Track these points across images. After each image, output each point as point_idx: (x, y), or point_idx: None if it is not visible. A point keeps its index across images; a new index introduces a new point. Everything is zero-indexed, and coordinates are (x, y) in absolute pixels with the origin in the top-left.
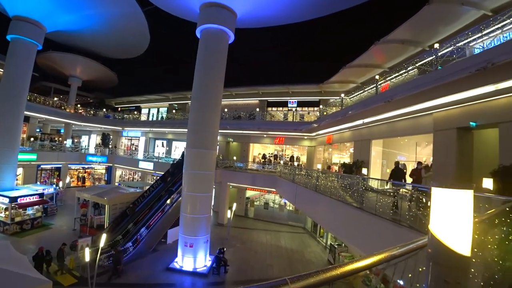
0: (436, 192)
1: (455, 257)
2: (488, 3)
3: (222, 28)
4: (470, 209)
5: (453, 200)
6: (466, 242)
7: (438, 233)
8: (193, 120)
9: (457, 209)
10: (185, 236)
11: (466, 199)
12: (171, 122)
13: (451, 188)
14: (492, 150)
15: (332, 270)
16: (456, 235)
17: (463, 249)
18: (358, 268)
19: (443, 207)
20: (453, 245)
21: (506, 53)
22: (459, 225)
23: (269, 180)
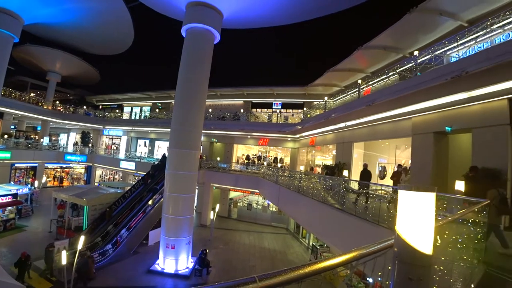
0: (402, 194)
1: (418, 256)
2: (464, 14)
3: (208, 28)
4: (432, 210)
5: (417, 201)
6: (428, 242)
7: (403, 233)
8: (176, 119)
9: (421, 210)
10: (167, 237)
11: (428, 201)
12: (154, 121)
13: (415, 191)
14: (466, 154)
15: (301, 268)
16: (419, 235)
17: (425, 248)
18: (328, 266)
19: (408, 209)
20: (416, 244)
21: (479, 63)
22: (422, 225)
23: (252, 181)
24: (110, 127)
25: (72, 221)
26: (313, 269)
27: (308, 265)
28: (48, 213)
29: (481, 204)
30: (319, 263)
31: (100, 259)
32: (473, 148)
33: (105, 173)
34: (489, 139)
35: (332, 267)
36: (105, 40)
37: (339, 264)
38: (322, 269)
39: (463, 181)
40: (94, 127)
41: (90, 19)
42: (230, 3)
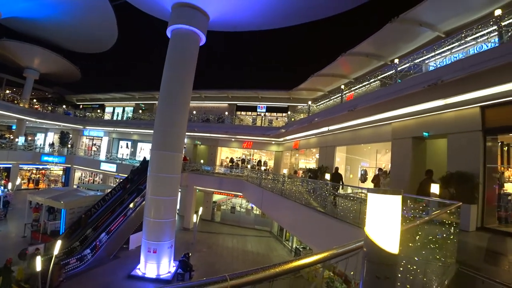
0: (371, 197)
1: (385, 255)
2: (442, 26)
3: (194, 29)
4: (399, 212)
5: (384, 204)
6: (395, 242)
7: (371, 234)
8: (160, 121)
9: (388, 212)
10: (149, 241)
11: (395, 203)
12: (137, 122)
13: (383, 194)
14: (442, 158)
15: (271, 268)
16: (386, 235)
17: (392, 248)
18: (299, 266)
19: (376, 210)
20: (383, 244)
21: (454, 72)
22: (389, 226)
23: (236, 184)
24: (91, 127)
25: (48, 225)
26: (284, 269)
27: (279, 264)
28: (22, 217)
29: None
30: (290, 263)
31: (78, 264)
32: (448, 152)
33: (85, 175)
34: (463, 145)
35: (303, 266)
36: (87, 38)
37: (311, 263)
38: (293, 268)
39: (437, 184)
40: (73, 127)
41: (72, 15)
42: (217, 5)
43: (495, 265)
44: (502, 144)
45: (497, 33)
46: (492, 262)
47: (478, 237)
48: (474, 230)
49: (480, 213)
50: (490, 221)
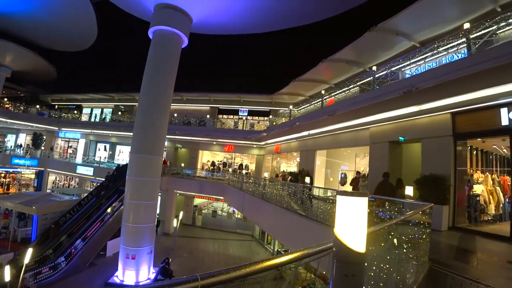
0: (339, 199)
1: (352, 254)
2: (417, 36)
3: (176, 31)
4: (365, 213)
5: (352, 205)
6: (362, 241)
7: (340, 234)
8: (139, 123)
9: (355, 213)
10: (127, 247)
11: (361, 204)
12: (116, 124)
13: (350, 196)
14: (417, 162)
15: (243, 268)
16: (353, 235)
17: (359, 247)
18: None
19: (344, 212)
20: (350, 244)
21: (426, 80)
22: (356, 226)
23: (217, 187)
24: (67, 129)
25: (19, 233)
26: (255, 268)
27: (251, 264)
28: None
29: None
30: (262, 263)
31: (51, 273)
32: (423, 156)
33: (59, 179)
34: (436, 149)
35: (275, 266)
36: (64, 35)
37: (282, 263)
38: (264, 268)
39: (411, 186)
40: (48, 129)
41: (48, 11)
42: (200, 7)
43: (465, 262)
44: (471, 148)
45: (466, 45)
46: (462, 259)
47: (450, 236)
48: (446, 229)
49: (451, 214)
50: (461, 221)
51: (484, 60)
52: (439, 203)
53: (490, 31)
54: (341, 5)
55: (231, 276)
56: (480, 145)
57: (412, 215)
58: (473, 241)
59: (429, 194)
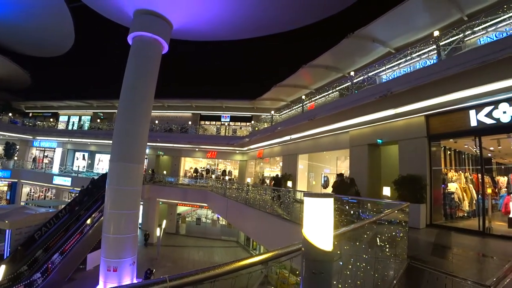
0: (306, 200)
1: (319, 253)
2: (392, 42)
3: (156, 37)
4: (331, 213)
5: (319, 206)
6: (328, 240)
7: (308, 234)
8: (119, 131)
9: (322, 213)
10: (108, 259)
11: (327, 205)
12: (95, 132)
13: (316, 197)
14: (395, 163)
15: (211, 269)
16: (320, 235)
17: (326, 246)
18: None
19: (311, 213)
20: (318, 243)
21: (401, 84)
22: (323, 226)
23: (201, 195)
24: (42, 137)
25: None
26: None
27: (220, 266)
28: None
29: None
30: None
31: None
32: (400, 157)
33: (35, 191)
34: (412, 150)
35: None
36: (40, 40)
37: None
38: (233, 269)
39: (388, 187)
40: (21, 137)
41: (22, 15)
42: (181, 14)
43: (441, 257)
44: (445, 148)
45: (436, 51)
46: (439, 254)
47: (428, 233)
48: (424, 227)
49: (428, 212)
50: (438, 218)
51: (452, 66)
52: (416, 202)
53: (457, 38)
54: (319, 13)
55: (200, 278)
56: (453, 146)
57: (388, 214)
58: (449, 236)
59: (407, 194)
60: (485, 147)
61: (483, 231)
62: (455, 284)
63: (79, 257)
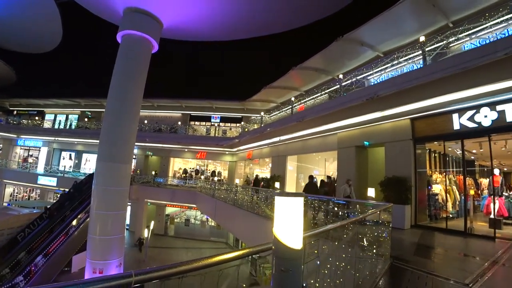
0: (277, 199)
1: (289, 251)
2: (381, 46)
3: (146, 36)
4: (301, 212)
5: (289, 205)
6: (298, 239)
7: (278, 232)
8: (107, 130)
9: (291, 212)
10: (94, 261)
11: (298, 204)
12: (82, 131)
13: (286, 196)
14: (381, 165)
15: (178, 266)
16: (290, 233)
17: (295, 244)
18: (208, 263)
19: (282, 212)
20: (287, 241)
21: (387, 88)
22: (292, 225)
23: (190, 195)
24: (27, 136)
25: None
26: (192, 266)
27: (187, 262)
28: None
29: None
30: (200, 261)
31: None
32: (386, 159)
33: (18, 191)
34: (397, 152)
35: (213, 264)
36: (26, 36)
37: (222, 261)
38: (201, 266)
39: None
40: (4, 136)
41: (8, 10)
42: (171, 13)
43: (424, 257)
44: (429, 151)
45: (422, 56)
46: (421, 254)
47: (412, 234)
48: (409, 227)
49: (413, 212)
50: (422, 219)
51: (437, 71)
52: (401, 203)
53: (442, 44)
54: (310, 16)
55: (166, 273)
56: (437, 148)
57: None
58: (433, 237)
59: (392, 195)
60: (468, 150)
61: (465, 231)
62: (435, 282)
63: (64, 259)
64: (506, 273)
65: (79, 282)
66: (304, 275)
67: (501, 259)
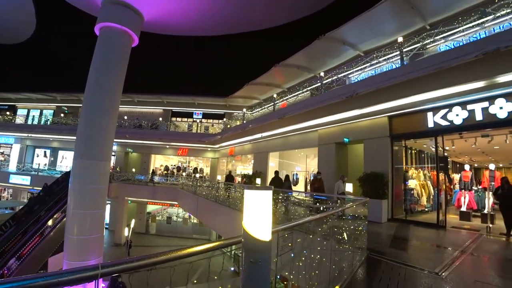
0: (247, 193)
1: (258, 243)
2: (362, 46)
3: (125, 29)
4: (269, 205)
5: (258, 198)
6: (266, 231)
7: (247, 225)
8: (84, 126)
9: (260, 205)
10: (72, 262)
11: (266, 197)
12: (58, 127)
13: (256, 190)
14: (361, 161)
15: (146, 258)
16: (258, 226)
17: (264, 236)
18: (175, 256)
19: (251, 205)
20: (256, 233)
21: (366, 86)
22: (261, 217)
23: (171, 193)
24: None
25: None
26: (160, 259)
27: (156, 255)
28: None
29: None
30: (168, 254)
31: None
32: (365, 155)
33: None
34: (376, 148)
35: (181, 256)
36: None
37: (191, 253)
38: (170, 258)
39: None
40: None
41: None
42: (152, 6)
43: (398, 249)
44: (406, 147)
45: (400, 56)
46: (396, 246)
47: (388, 227)
48: (386, 221)
49: (390, 207)
50: (398, 213)
51: (413, 70)
52: (379, 198)
53: (418, 46)
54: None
55: (133, 266)
56: (413, 145)
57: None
58: (408, 230)
59: (370, 190)
60: (442, 147)
61: (438, 224)
62: (408, 272)
63: (39, 261)
64: (474, 261)
65: (44, 274)
66: (278, 267)
67: (469, 248)
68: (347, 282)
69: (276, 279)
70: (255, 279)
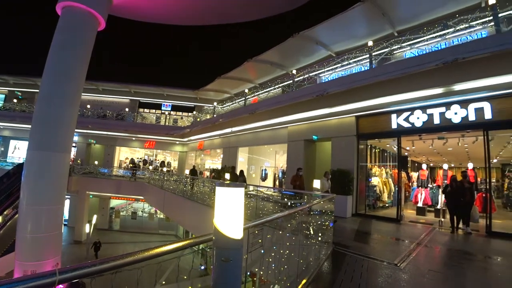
0: (219, 190)
1: (229, 241)
2: (334, 47)
3: (90, 10)
4: (241, 203)
5: (230, 195)
6: (238, 229)
7: (218, 223)
8: (41, 113)
9: (232, 203)
10: (25, 263)
11: (238, 194)
12: (10, 114)
13: (228, 187)
14: (328, 158)
15: (110, 261)
16: (230, 223)
17: (236, 234)
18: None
19: (223, 202)
20: (227, 231)
21: (336, 86)
22: (232, 215)
23: (137, 187)
24: None
25: None
26: (126, 261)
27: (121, 257)
28: None
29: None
30: (134, 255)
31: None
32: (332, 153)
33: None
34: (343, 147)
35: (150, 257)
36: None
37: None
38: (136, 260)
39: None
40: None
41: None
42: None
43: (361, 242)
44: (370, 146)
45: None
46: (360, 240)
47: (353, 222)
48: (351, 216)
49: (355, 202)
50: (362, 208)
51: (380, 74)
52: (344, 194)
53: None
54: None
55: (95, 270)
56: (377, 144)
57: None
58: (370, 224)
59: (337, 187)
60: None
61: (397, 218)
62: (370, 264)
63: None
64: (428, 252)
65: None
66: (248, 264)
67: (424, 241)
68: (314, 275)
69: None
70: (226, 278)
